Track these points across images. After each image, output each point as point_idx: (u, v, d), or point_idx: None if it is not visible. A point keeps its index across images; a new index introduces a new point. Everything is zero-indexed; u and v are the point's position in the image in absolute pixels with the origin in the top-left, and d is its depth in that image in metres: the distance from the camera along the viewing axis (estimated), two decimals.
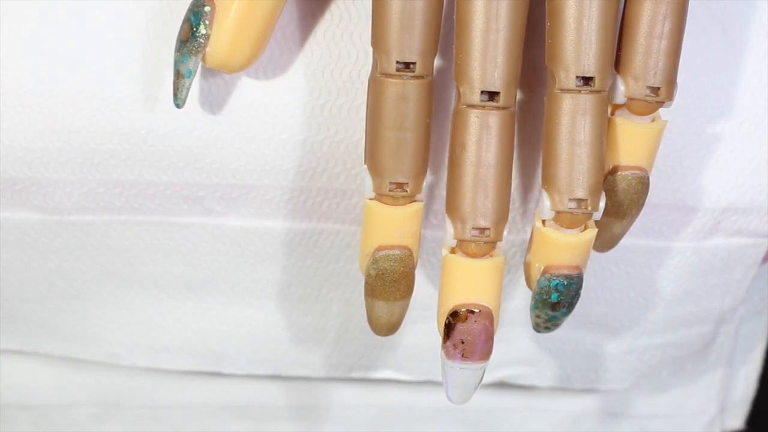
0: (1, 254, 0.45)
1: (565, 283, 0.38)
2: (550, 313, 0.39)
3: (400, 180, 0.36)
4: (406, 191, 0.37)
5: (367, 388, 0.53)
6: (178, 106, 0.38)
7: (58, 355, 0.49)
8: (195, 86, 0.40)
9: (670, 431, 0.55)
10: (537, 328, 0.40)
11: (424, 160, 0.37)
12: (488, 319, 0.37)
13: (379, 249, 0.37)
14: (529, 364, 0.50)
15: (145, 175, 0.42)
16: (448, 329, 0.37)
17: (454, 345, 0.37)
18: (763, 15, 0.40)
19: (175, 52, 0.37)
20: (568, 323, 0.40)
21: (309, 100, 0.40)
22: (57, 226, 0.43)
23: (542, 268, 0.38)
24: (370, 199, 0.37)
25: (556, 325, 0.39)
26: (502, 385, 0.51)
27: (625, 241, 0.41)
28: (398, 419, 0.53)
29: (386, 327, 0.41)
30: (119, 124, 0.40)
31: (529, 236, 0.39)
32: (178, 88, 0.38)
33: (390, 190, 0.36)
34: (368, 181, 0.37)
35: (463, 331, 0.37)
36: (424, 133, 0.36)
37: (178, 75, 0.37)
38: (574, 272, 0.38)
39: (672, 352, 0.49)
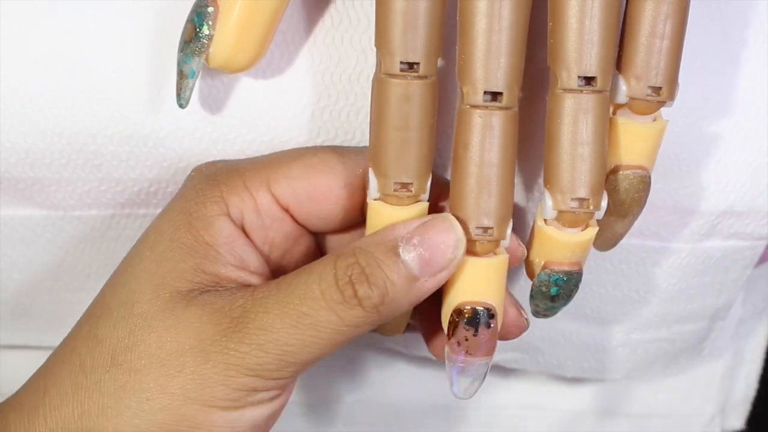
0: (5, 251, 0.44)
1: (565, 278, 0.38)
2: (549, 304, 0.39)
3: (405, 180, 0.36)
4: (411, 191, 0.36)
5: (367, 386, 0.53)
6: (181, 106, 0.38)
7: None
8: (196, 89, 0.40)
9: (668, 431, 0.55)
10: (536, 315, 0.40)
11: (429, 160, 0.36)
12: (492, 317, 0.37)
13: None
14: (522, 351, 0.50)
15: (147, 174, 0.42)
16: (452, 327, 0.37)
17: (458, 342, 0.37)
18: (763, 16, 0.40)
19: (178, 52, 0.37)
20: (562, 314, 0.40)
21: (309, 103, 0.40)
22: (61, 221, 0.43)
23: (543, 263, 0.38)
24: (375, 199, 0.37)
25: (554, 314, 0.40)
26: (501, 383, 0.51)
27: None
28: (398, 418, 0.53)
29: (390, 330, 0.41)
30: (120, 125, 0.40)
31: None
32: (181, 89, 0.38)
33: (395, 191, 0.36)
34: (372, 182, 0.36)
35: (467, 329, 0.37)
36: (428, 133, 0.36)
37: (181, 75, 0.37)
38: (575, 268, 0.38)
39: (665, 347, 0.49)
